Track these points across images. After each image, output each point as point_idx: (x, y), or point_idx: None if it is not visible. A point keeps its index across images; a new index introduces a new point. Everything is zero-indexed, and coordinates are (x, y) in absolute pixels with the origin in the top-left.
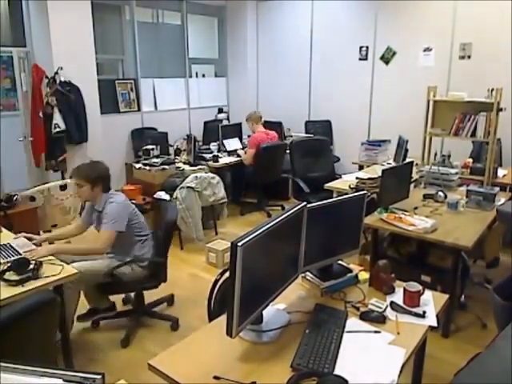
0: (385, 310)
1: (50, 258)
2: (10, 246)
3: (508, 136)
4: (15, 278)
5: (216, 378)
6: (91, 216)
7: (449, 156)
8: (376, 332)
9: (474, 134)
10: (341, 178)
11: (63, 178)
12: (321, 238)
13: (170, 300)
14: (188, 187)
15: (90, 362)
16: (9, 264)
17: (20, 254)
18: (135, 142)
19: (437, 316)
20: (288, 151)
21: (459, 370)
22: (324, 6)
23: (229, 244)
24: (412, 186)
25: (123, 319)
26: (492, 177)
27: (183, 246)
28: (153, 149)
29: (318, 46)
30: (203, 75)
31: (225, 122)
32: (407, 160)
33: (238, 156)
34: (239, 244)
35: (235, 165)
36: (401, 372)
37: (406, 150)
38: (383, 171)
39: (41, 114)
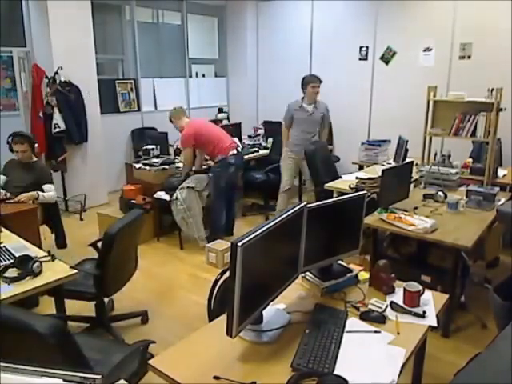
0: (385, 310)
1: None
2: (6, 248)
3: (508, 136)
4: (15, 275)
5: (216, 378)
6: None
7: (449, 156)
8: (376, 332)
9: (474, 134)
10: (341, 178)
11: (63, 178)
12: (321, 238)
13: (143, 316)
14: (188, 187)
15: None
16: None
17: (15, 257)
18: (135, 142)
19: (437, 316)
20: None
21: (459, 370)
22: (324, 6)
23: (229, 244)
24: (412, 186)
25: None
26: (492, 177)
27: (183, 245)
28: (153, 149)
29: (318, 45)
30: (203, 75)
31: (225, 122)
32: (407, 160)
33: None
34: (239, 244)
35: None
36: (401, 372)
37: (406, 150)
38: (383, 171)
39: (41, 114)
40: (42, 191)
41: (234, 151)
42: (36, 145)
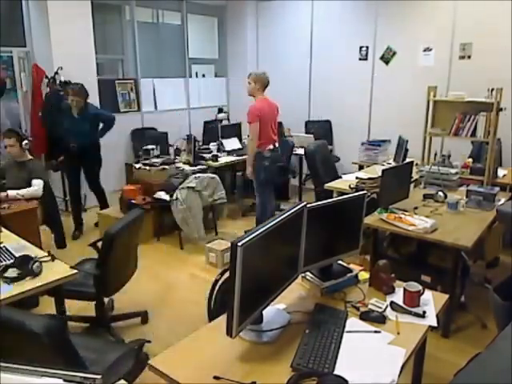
0: (385, 310)
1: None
2: (6, 248)
3: (508, 136)
4: (15, 275)
5: (216, 378)
6: None
7: (449, 156)
8: (376, 332)
9: (474, 134)
10: (341, 178)
11: (63, 178)
12: (321, 238)
13: (143, 316)
14: (188, 187)
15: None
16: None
17: (15, 257)
18: (135, 142)
19: (437, 316)
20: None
21: (459, 370)
22: (324, 5)
23: (229, 244)
24: (412, 186)
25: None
26: (492, 177)
27: (183, 246)
28: (153, 149)
29: (318, 45)
30: (203, 75)
31: (225, 122)
32: (407, 160)
33: (238, 155)
34: (239, 244)
35: (233, 165)
36: (401, 372)
37: (406, 150)
38: (383, 171)
39: (41, 114)
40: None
41: (271, 146)
42: (25, 141)
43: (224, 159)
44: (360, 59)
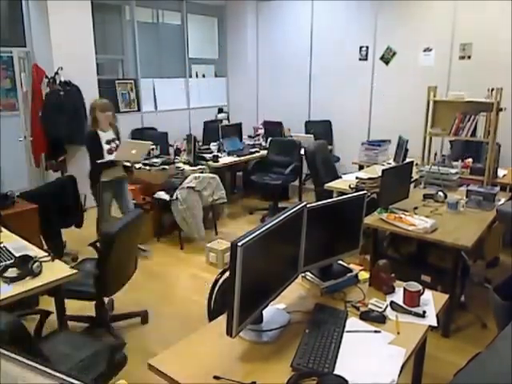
0: (385, 309)
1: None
2: (6, 248)
3: (508, 136)
4: (15, 275)
5: (216, 377)
6: None
7: (449, 156)
8: (376, 332)
9: (474, 134)
10: (341, 178)
11: None
12: (321, 238)
13: (143, 316)
14: (188, 187)
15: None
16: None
17: (15, 257)
18: None
19: (437, 316)
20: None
21: (459, 370)
22: (324, 6)
23: (229, 244)
24: (412, 186)
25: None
26: (492, 177)
27: (183, 246)
28: (153, 149)
29: (318, 45)
30: (203, 75)
31: (225, 122)
32: (407, 160)
33: (238, 156)
34: (239, 244)
35: (236, 165)
36: (401, 372)
37: (406, 150)
38: (383, 171)
39: (41, 114)
40: None
41: None
42: None
43: (224, 160)
44: (360, 59)
